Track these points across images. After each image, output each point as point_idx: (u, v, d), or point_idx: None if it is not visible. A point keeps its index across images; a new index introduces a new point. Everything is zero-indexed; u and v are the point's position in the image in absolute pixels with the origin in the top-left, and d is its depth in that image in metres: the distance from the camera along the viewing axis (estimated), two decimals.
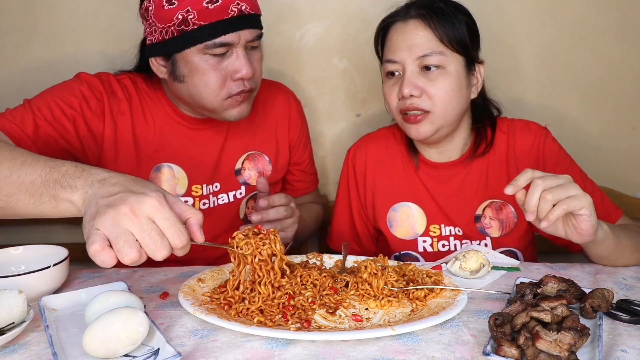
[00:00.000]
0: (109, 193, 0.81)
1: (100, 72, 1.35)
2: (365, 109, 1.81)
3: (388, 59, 1.31)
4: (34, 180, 0.88)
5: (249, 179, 1.47)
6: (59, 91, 1.26)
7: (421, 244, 1.40)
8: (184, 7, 1.17)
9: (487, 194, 1.38)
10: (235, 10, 1.19)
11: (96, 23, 1.71)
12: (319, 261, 1.15)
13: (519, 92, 1.77)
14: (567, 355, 0.76)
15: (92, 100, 1.28)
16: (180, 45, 1.20)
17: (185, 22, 1.18)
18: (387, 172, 1.44)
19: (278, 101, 1.52)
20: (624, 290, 1.07)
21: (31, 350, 0.82)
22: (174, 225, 0.80)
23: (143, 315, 0.79)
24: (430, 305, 0.95)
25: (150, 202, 0.79)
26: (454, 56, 1.27)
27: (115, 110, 1.31)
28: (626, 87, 1.77)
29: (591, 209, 1.01)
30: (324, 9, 1.73)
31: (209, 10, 1.17)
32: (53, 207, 0.87)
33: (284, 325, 0.88)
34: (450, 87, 1.26)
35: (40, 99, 1.23)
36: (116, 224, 0.77)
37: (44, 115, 1.20)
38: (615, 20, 1.73)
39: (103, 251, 0.76)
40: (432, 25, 1.25)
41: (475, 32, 1.32)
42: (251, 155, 1.47)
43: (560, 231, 1.07)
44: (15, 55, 1.71)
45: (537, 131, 1.38)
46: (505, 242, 1.37)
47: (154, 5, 1.21)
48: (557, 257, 1.44)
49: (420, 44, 1.25)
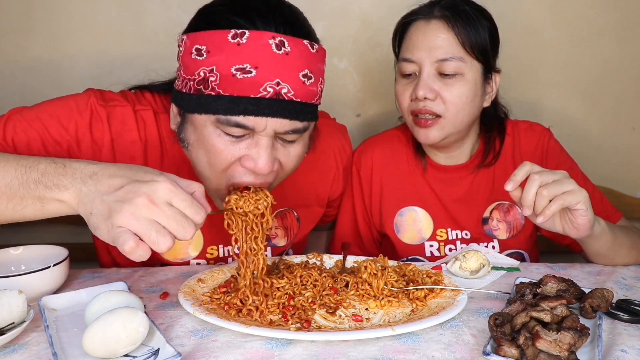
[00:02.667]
0: (112, 187, 0.79)
1: (117, 102, 1.10)
2: (365, 109, 1.81)
3: (405, 57, 1.27)
4: (9, 183, 0.84)
5: (275, 239, 1.28)
6: (51, 115, 1.04)
7: (428, 249, 1.38)
8: (210, 64, 0.92)
9: (494, 196, 1.38)
10: (271, 90, 0.92)
11: (96, 23, 1.71)
12: (319, 261, 1.15)
13: (519, 92, 1.77)
14: (566, 355, 0.76)
15: (85, 141, 1.06)
16: (192, 107, 0.96)
17: (205, 82, 0.93)
18: (393, 176, 1.42)
19: (326, 150, 1.29)
20: (624, 290, 1.07)
21: (31, 350, 0.82)
22: (191, 204, 0.79)
23: (143, 315, 0.79)
24: (430, 306, 0.95)
25: (163, 187, 0.78)
26: (473, 63, 1.24)
27: (122, 154, 1.09)
28: (626, 87, 1.78)
29: (587, 204, 1.02)
30: (324, 9, 1.73)
31: (236, 79, 0.91)
32: (38, 209, 0.83)
33: (284, 325, 0.88)
34: (465, 94, 1.24)
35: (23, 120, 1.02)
36: (139, 217, 0.76)
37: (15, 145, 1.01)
38: (615, 20, 1.73)
39: (138, 247, 0.75)
40: (455, 28, 1.22)
41: (496, 39, 1.29)
42: (280, 213, 1.27)
43: (557, 226, 1.08)
44: (15, 55, 1.71)
45: (541, 132, 1.39)
46: (513, 244, 1.37)
47: (184, 48, 0.97)
48: (557, 257, 1.45)
49: (441, 47, 1.22)
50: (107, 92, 1.12)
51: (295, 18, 0.97)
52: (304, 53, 0.94)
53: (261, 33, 0.91)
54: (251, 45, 0.91)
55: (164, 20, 1.69)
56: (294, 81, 0.93)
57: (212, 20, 0.95)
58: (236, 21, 0.92)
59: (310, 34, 0.99)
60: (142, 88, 1.18)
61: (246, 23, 0.92)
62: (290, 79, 0.93)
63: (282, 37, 0.92)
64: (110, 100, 1.10)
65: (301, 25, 0.97)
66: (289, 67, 0.93)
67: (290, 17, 0.96)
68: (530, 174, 1.02)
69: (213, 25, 0.94)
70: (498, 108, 1.40)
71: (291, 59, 0.93)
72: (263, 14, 0.93)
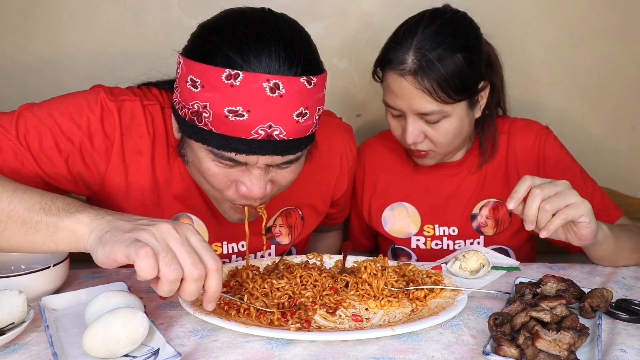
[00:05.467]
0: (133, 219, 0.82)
1: (126, 96, 1.10)
2: (365, 109, 1.81)
3: (388, 103, 1.26)
4: (31, 207, 0.84)
5: (280, 237, 1.28)
6: (63, 112, 1.04)
7: (414, 242, 1.41)
8: (204, 99, 0.92)
9: (484, 194, 1.38)
10: (262, 133, 0.91)
11: (96, 23, 1.71)
12: (319, 261, 1.15)
13: (519, 92, 1.77)
14: (566, 354, 0.76)
15: (98, 136, 1.06)
16: (188, 132, 0.98)
17: (199, 116, 0.93)
18: (385, 175, 1.44)
19: (332, 148, 1.29)
20: (623, 289, 1.07)
21: (31, 350, 0.82)
22: (208, 248, 0.81)
23: (143, 316, 0.79)
24: (430, 306, 0.95)
25: (186, 225, 0.81)
26: (455, 105, 1.22)
27: (130, 150, 1.09)
28: (626, 87, 1.77)
29: (591, 216, 1.01)
30: (324, 9, 1.73)
31: (228, 120, 0.91)
32: (48, 236, 0.84)
33: (284, 325, 0.88)
34: (452, 130, 1.25)
35: (34, 117, 1.02)
36: (160, 239, 0.77)
37: (28, 143, 1.01)
38: (615, 21, 1.73)
39: (151, 258, 0.75)
40: (428, 86, 1.18)
41: (476, 60, 1.23)
42: (285, 211, 1.28)
43: (560, 236, 1.08)
44: (15, 54, 1.71)
45: (538, 131, 1.38)
46: (498, 240, 1.38)
47: (180, 72, 0.96)
48: (557, 257, 1.44)
49: (420, 101, 1.20)
50: (115, 88, 1.12)
51: (293, 49, 0.92)
52: (300, 92, 0.92)
53: (255, 76, 0.89)
54: (244, 88, 0.90)
55: (164, 20, 1.69)
56: (287, 122, 0.93)
57: (208, 52, 0.92)
58: (231, 58, 0.90)
59: (309, 65, 0.95)
60: (148, 85, 1.18)
61: (241, 62, 0.90)
62: (283, 121, 0.92)
63: (277, 78, 0.90)
64: (119, 95, 1.10)
65: (300, 59, 0.92)
66: (282, 109, 0.92)
67: (289, 49, 0.92)
68: (531, 189, 1.01)
69: (209, 59, 0.92)
70: (493, 109, 1.39)
71: (285, 101, 0.91)
72: (259, 50, 0.90)
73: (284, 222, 1.28)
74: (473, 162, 1.39)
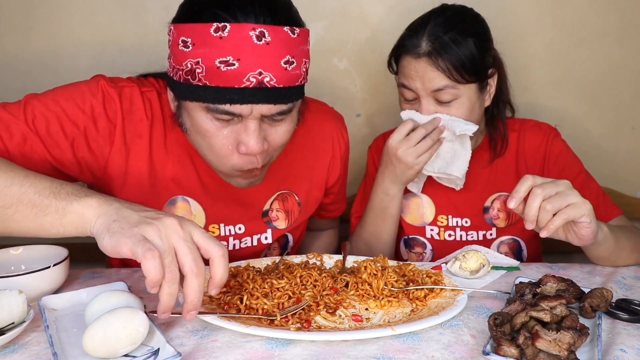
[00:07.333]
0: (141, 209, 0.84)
1: (124, 82, 1.15)
2: (365, 109, 1.81)
3: (403, 83, 1.31)
4: (41, 191, 0.87)
5: (276, 221, 1.30)
6: (67, 99, 1.08)
7: (429, 232, 1.43)
8: (196, 56, 0.97)
9: (496, 187, 1.41)
10: (254, 80, 0.97)
11: (96, 22, 1.71)
12: (319, 261, 1.16)
13: (519, 92, 1.76)
14: (566, 354, 0.76)
15: (102, 121, 1.10)
16: (183, 94, 1.03)
17: (192, 74, 0.98)
18: None
19: (323, 133, 1.33)
20: (623, 289, 1.07)
21: (31, 350, 0.82)
22: (212, 238, 0.83)
23: (143, 315, 0.80)
24: (430, 305, 0.95)
25: (189, 220, 0.83)
26: (466, 86, 1.27)
27: (131, 133, 1.13)
28: (626, 87, 1.77)
29: (591, 216, 1.02)
30: (324, 9, 1.73)
31: (220, 71, 0.96)
32: (57, 219, 0.85)
33: (284, 325, 0.88)
34: (464, 113, 1.28)
35: (40, 104, 1.06)
36: (164, 238, 0.79)
37: (36, 128, 1.04)
38: (615, 21, 1.73)
39: (157, 260, 0.76)
40: (443, 63, 1.24)
41: (485, 47, 1.30)
42: (281, 195, 1.30)
43: (560, 235, 1.09)
44: (15, 51, 1.71)
45: (547, 130, 1.43)
46: (510, 231, 1.41)
47: (172, 38, 1.02)
48: (557, 257, 1.45)
49: (433, 79, 1.25)
50: (114, 77, 1.17)
51: (275, 4, 1.00)
52: (285, 40, 0.98)
53: (242, 25, 0.95)
54: (232, 38, 0.95)
55: (163, 18, 1.68)
56: (276, 69, 0.98)
57: (196, 12, 0.99)
58: (218, 14, 0.96)
59: (291, 18, 1.02)
60: (145, 76, 1.22)
61: (227, 15, 0.96)
62: (272, 68, 0.98)
63: (263, 27, 0.96)
64: (118, 81, 1.15)
65: (282, 12, 1.00)
66: (270, 56, 0.97)
67: (271, 5, 0.99)
68: (532, 188, 1.02)
69: (197, 17, 0.98)
70: (501, 106, 1.41)
71: (272, 49, 0.97)
72: (243, 4, 0.97)
73: (281, 207, 1.30)
74: (483, 156, 1.42)
